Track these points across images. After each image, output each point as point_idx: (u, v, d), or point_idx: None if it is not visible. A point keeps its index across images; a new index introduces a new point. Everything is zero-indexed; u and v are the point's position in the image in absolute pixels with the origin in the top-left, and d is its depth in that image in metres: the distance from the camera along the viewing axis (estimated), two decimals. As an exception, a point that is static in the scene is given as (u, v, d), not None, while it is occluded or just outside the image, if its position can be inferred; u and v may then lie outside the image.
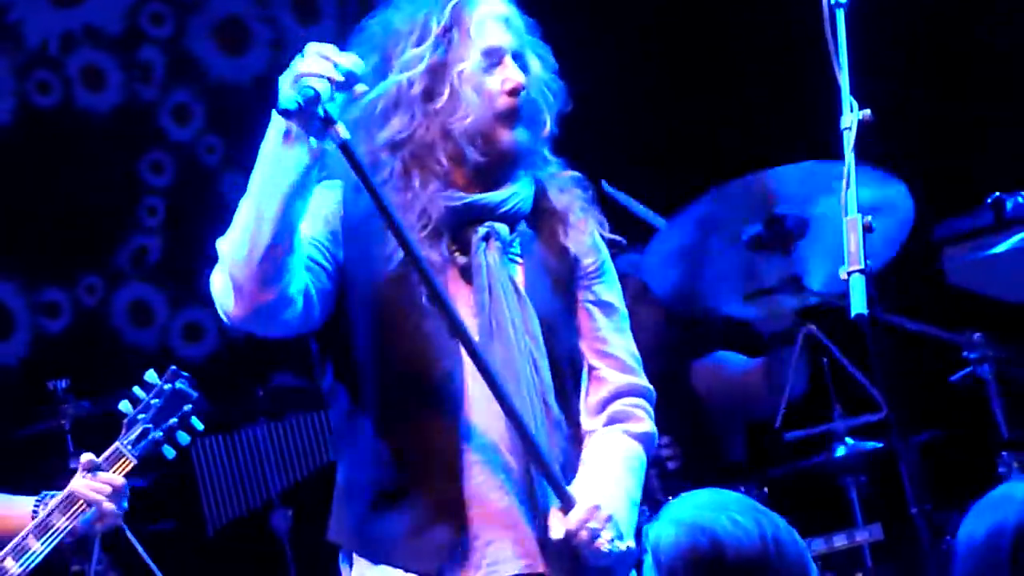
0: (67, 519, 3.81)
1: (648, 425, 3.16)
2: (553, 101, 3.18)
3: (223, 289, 2.98)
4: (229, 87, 5.98)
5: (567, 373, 3.14)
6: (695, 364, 5.05)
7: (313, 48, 2.92)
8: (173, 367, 4.04)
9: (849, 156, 2.81)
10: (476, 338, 2.99)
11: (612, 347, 3.19)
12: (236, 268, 2.94)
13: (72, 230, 6.15)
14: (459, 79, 3.07)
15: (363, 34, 3.21)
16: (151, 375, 3.99)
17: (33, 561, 3.82)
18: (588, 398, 3.18)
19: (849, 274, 2.69)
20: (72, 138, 6.20)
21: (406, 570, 3.06)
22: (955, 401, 4.50)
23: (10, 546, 3.85)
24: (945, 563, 2.86)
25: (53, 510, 3.82)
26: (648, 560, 2.78)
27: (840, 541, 4.79)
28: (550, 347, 3.07)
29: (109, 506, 3.81)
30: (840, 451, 4.66)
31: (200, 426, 4.03)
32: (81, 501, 3.81)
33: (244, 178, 3.03)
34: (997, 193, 4.30)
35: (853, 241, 2.73)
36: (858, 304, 2.64)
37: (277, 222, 2.89)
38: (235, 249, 2.94)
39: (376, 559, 3.07)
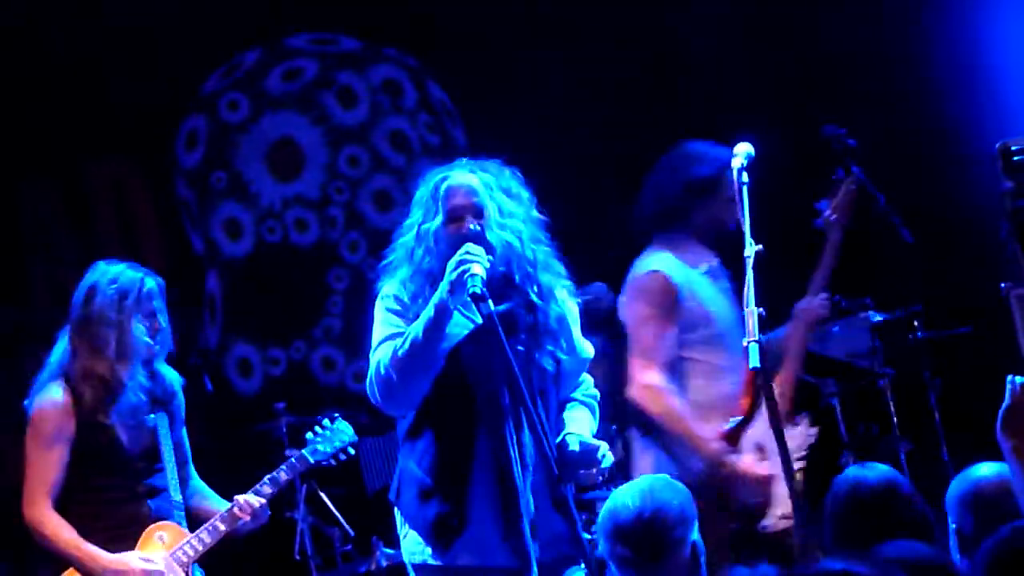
0: (227, 524, 4.23)
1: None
2: (517, 230, 3.34)
3: (384, 387, 3.24)
4: (382, 232, 5.39)
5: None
6: None
7: (472, 248, 3.19)
8: (337, 415, 4.44)
9: (749, 273, 3.11)
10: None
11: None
12: (404, 376, 3.21)
13: (287, 315, 6.94)
14: (428, 235, 3.34)
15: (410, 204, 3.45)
16: (326, 422, 4.34)
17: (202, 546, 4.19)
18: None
19: (748, 343, 3.00)
20: (287, 263, 6.99)
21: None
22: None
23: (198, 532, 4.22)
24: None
25: (223, 516, 4.19)
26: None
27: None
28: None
29: (248, 518, 4.21)
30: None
31: (352, 452, 4.37)
32: (239, 514, 4.21)
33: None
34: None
35: (751, 323, 3.03)
36: (753, 361, 3.00)
37: (436, 351, 3.26)
38: (405, 364, 3.20)
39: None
